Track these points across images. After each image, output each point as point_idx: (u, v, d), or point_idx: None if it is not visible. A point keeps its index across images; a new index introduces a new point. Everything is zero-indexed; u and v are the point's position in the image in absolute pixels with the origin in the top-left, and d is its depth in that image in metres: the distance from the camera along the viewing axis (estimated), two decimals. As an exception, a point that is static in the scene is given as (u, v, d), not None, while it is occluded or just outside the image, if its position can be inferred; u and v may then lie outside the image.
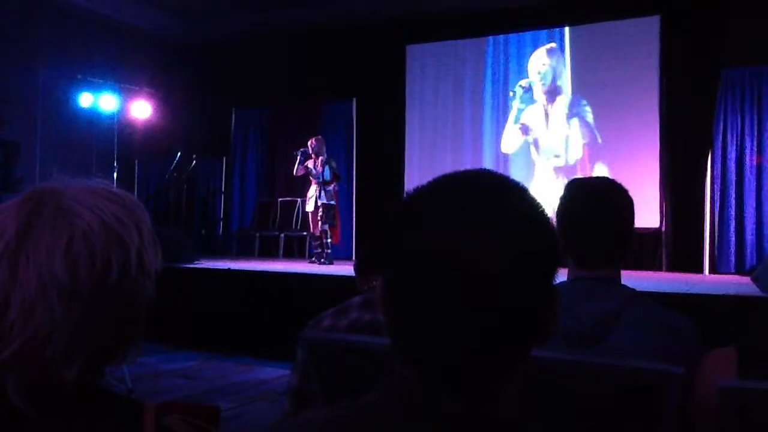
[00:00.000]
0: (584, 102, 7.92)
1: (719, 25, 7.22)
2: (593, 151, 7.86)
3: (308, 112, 9.58)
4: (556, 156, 8.01)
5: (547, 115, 8.12)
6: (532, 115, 8.21)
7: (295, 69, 9.35)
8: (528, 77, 8.24)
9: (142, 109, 9.23)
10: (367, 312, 1.80)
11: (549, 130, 8.10)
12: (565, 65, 8.06)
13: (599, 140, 7.83)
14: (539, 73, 8.16)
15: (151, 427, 0.85)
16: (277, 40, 9.40)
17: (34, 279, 0.80)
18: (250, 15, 9.22)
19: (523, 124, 8.22)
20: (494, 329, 0.66)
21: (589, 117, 7.90)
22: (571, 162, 7.95)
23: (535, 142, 8.17)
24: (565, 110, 8.01)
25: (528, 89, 8.16)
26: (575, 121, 7.95)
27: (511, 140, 8.31)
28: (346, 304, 1.86)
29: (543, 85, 8.15)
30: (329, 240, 7.59)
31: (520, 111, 8.24)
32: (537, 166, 8.16)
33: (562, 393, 1.19)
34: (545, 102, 8.14)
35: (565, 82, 8.05)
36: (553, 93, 8.10)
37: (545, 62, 8.14)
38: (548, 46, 8.16)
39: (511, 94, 8.24)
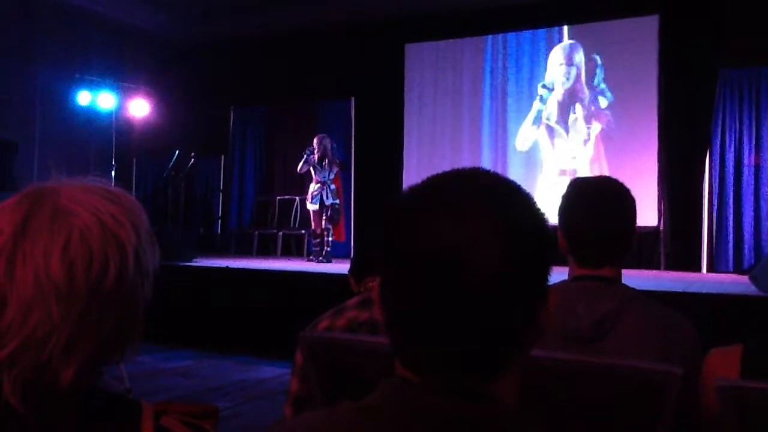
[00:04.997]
0: (604, 102, 7.84)
1: (717, 25, 7.22)
2: (608, 154, 7.77)
3: (307, 111, 9.58)
4: (573, 158, 7.93)
5: (566, 114, 8.05)
6: (552, 113, 8.11)
7: (293, 67, 9.35)
8: (546, 74, 8.12)
9: (140, 108, 9.22)
10: (364, 310, 1.81)
11: (568, 130, 8.01)
12: (585, 62, 7.94)
13: (617, 137, 7.70)
14: (562, 72, 8.04)
15: (150, 427, 0.84)
16: (276, 39, 9.39)
17: (31, 279, 0.80)
18: (248, 13, 9.21)
19: (543, 123, 8.13)
20: (487, 328, 0.66)
21: (609, 117, 7.80)
22: (585, 162, 7.87)
23: (551, 140, 8.09)
24: (584, 111, 7.92)
25: (552, 89, 8.09)
26: (595, 122, 7.87)
27: (528, 138, 8.20)
28: (343, 304, 1.87)
29: (564, 84, 8.05)
30: (330, 238, 7.62)
31: (539, 112, 8.16)
32: (549, 165, 8.06)
33: (561, 392, 1.19)
34: (563, 100, 8.06)
35: (583, 77, 7.96)
36: (573, 93, 8.04)
37: (567, 61, 8.03)
38: (569, 42, 8.06)
39: (538, 97, 8.13)
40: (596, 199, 1.55)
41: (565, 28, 8.07)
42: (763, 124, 7.20)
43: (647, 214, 7.30)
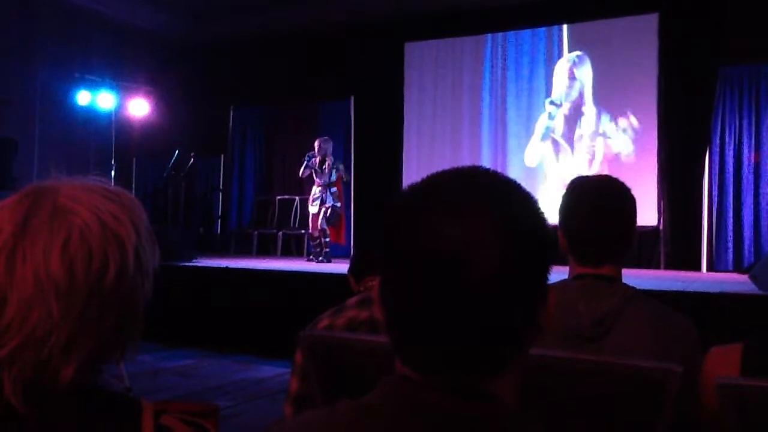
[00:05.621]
0: (609, 117, 7.79)
1: (717, 23, 7.22)
2: (614, 165, 7.73)
3: (306, 110, 9.58)
4: (577, 173, 7.89)
5: (572, 128, 8.00)
6: (558, 127, 8.08)
7: (293, 67, 9.34)
8: (553, 87, 8.09)
9: (140, 108, 9.21)
10: (364, 309, 1.81)
11: (573, 144, 7.98)
12: (590, 75, 7.90)
13: (621, 158, 7.69)
14: (565, 86, 8.00)
15: (150, 426, 0.84)
16: (276, 38, 9.39)
17: (31, 278, 0.80)
18: (248, 13, 9.21)
19: (550, 137, 8.10)
20: (487, 327, 0.66)
21: (612, 133, 7.77)
22: (594, 170, 7.83)
23: (556, 154, 8.08)
24: (591, 126, 7.87)
25: (560, 105, 8.06)
26: (600, 138, 7.84)
27: (536, 154, 8.16)
28: (343, 304, 1.87)
29: (568, 98, 8.02)
30: (328, 239, 7.63)
31: (547, 129, 8.10)
32: (553, 176, 8.01)
33: (562, 391, 1.19)
34: (569, 114, 8.01)
35: (589, 92, 7.93)
36: (578, 107, 7.98)
37: (570, 74, 7.99)
38: (575, 54, 8.02)
39: (546, 113, 8.06)
40: (596, 198, 1.55)
41: (565, 26, 8.06)
42: (763, 122, 7.19)
43: (647, 213, 7.30)
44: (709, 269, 7.28)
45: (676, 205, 7.46)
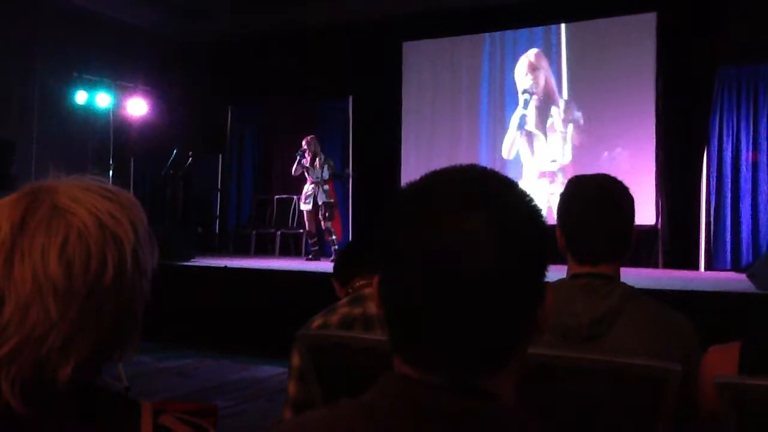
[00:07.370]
0: (576, 106, 7.90)
1: (716, 23, 7.22)
2: (586, 155, 7.82)
3: (305, 110, 9.58)
4: (553, 161, 7.99)
5: (543, 118, 8.09)
6: (530, 119, 8.18)
7: (291, 66, 9.34)
8: (516, 84, 8.21)
9: (138, 107, 9.20)
10: (357, 307, 1.84)
11: (546, 133, 8.06)
12: (556, 67, 8.05)
13: (593, 142, 7.80)
14: (532, 80, 8.11)
15: (149, 426, 0.84)
16: (274, 37, 9.38)
17: (29, 278, 0.80)
18: (246, 12, 9.20)
19: (524, 129, 8.18)
20: (486, 325, 0.66)
21: (582, 120, 7.88)
22: (566, 163, 7.93)
23: (530, 145, 8.14)
24: (561, 114, 7.98)
25: (533, 93, 8.12)
26: (571, 125, 7.93)
27: (513, 146, 8.27)
28: (334, 304, 1.90)
29: (537, 90, 8.11)
30: (334, 237, 7.66)
31: (522, 117, 8.20)
32: (530, 168, 8.13)
33: (561, 389, 1.19)
34: (539, 105, 8.11)
35: (559, 82, 8.03)
36: (547, 97, 8.07)
37: (536, 68, 8.10)
38: (533, 51, 8.14)
39: (521, 105, 8.16)
40: (594, 197, 1.55)
41: (563, 26, 8.07)
42: (761, 122, 7.21)
43: (645, 212, 7.30)
44: (707, 268, 7.29)
45: (674, 205, 7.47)
